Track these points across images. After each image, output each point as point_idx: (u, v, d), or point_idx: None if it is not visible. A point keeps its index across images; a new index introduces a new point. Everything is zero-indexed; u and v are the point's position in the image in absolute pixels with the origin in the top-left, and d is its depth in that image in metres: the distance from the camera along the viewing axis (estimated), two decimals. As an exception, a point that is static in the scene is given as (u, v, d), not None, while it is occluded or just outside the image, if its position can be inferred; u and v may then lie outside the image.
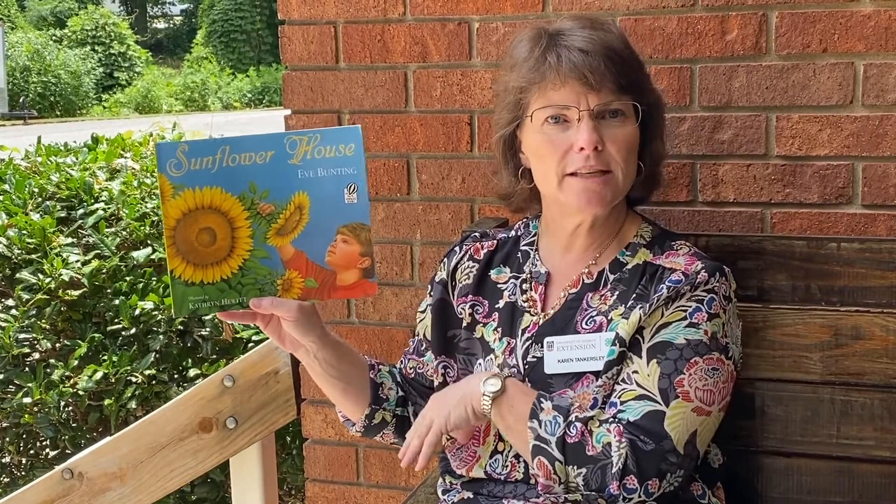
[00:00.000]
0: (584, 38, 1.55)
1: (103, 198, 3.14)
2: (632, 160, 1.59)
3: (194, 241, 1.50)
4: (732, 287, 1.58)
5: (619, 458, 1.44)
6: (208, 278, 1.51)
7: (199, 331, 2.90)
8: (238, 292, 1.52)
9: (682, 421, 1.47)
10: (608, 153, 1.55)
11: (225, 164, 1.49)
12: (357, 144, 1.51)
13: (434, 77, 2.13)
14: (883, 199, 1.87)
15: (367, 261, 1.53)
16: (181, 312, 1.53)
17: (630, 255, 1.62)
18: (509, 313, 1.66)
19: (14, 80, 27.79)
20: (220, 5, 35.98)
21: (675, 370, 1.49)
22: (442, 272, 1.76)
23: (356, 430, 1.74)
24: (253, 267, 1.51)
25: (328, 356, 1.62)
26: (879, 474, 1.73)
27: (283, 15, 2.22)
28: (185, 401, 2.35)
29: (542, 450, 1.47)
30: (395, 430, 1.74)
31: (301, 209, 1.51)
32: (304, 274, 1.52)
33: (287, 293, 1.52)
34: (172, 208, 1.49)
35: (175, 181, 1.48)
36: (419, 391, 1.77)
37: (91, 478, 2.42)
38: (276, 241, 1.51)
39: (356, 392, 1.70)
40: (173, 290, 1.50)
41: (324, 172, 1.50)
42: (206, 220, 1.49)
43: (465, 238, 1.78)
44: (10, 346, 2.86)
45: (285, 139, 1.50)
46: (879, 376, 1.71)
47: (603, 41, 1.56)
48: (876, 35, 1.84)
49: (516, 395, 1.51)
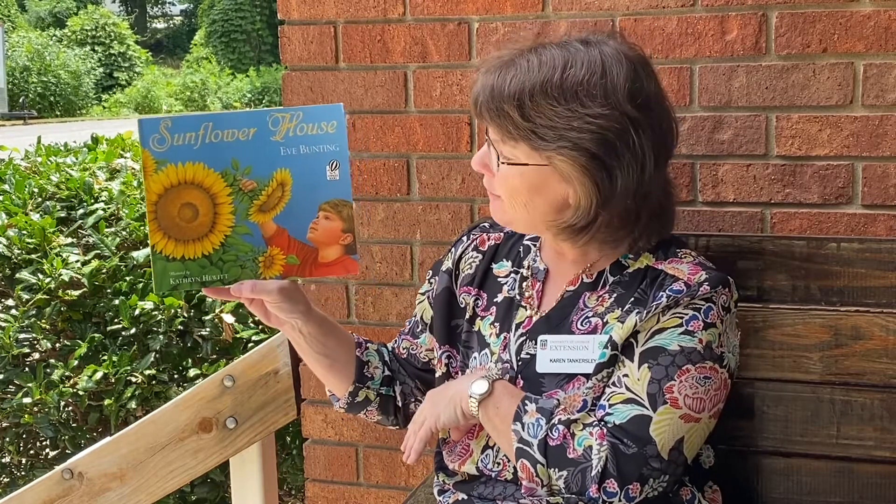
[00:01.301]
0: (484, 75, 1.53)
1: (103, 198, 3.14)
2: (524, 200, 1.52)
3: (176, 216, 1.50)
4: (734, 298, 1.56)
5: (598, 461, 1.43)
6: (189, 254, 1.51)
7: (199, 331, 2.90)
8: (219, 269, 1.52)
9: (669, 427, 1.46)
10: (497, 180, 1.55)
11: (208, 141, 1.50)
12: (339, 122, 1.52)
13: (434, 77, 2.13)
14: (883, 199, 1.87)
15: (349, 237, 1.54)
16: (161, 288, 1.53)
17: (633, 259, 1.60)
18: (506, 308, 1.66)
19: (14, 81, 27.82)
20: (221, 5, 36.00)
21: (665, 376, 1.47)
22: (448, 261, 1.77)
23: (340, 405, 1.76)
24: (234, 243, 1.52)
25: (314, 331, 1.64)
26: (879, 474, 1.73)
27: (282, 15, 2.23)
28: (185, 401, 2.35)
29: (524, 452, 1.47)
30: (379, 408, 1.76)
31: (283, 186, 1.52)
32: (286, 251, 1.53)
33: (268, 270, 1.53)
34: (155, 183, 1.49)
35: (158, 156, 1.49)
36: (409, 371, 1.78)
37: (91, 478, 2.42)
38: (258, 218, 1.52)
39: (341, 369, 1.71)
40: (154, 265, 1.51)
41: (306, 149, 1.52)
42: (188, 195, 1.50)
43: (473, 227, 1.79)
44: (10, 346, 2.86)
45: (268, 116, 1.52)
46: (879, 376, 1.71)
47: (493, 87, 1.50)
48: (876, 35, 1.84)
49: (503, 396, 1.52)
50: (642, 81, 1.50)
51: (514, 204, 1.54)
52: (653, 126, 1.50)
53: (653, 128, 1.50)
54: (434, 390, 1.65)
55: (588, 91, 1.46)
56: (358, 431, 2.30)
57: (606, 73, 1.47)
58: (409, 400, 1.78)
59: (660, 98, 1.54)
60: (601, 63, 1.47)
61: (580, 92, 1.45)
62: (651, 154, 1.49)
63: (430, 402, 1.62)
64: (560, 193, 1.51)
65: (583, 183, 1.48)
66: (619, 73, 1.47)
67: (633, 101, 1.47)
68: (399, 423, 1.80)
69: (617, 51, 1.50)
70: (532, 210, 1.53)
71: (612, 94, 1.46)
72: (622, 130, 1.46)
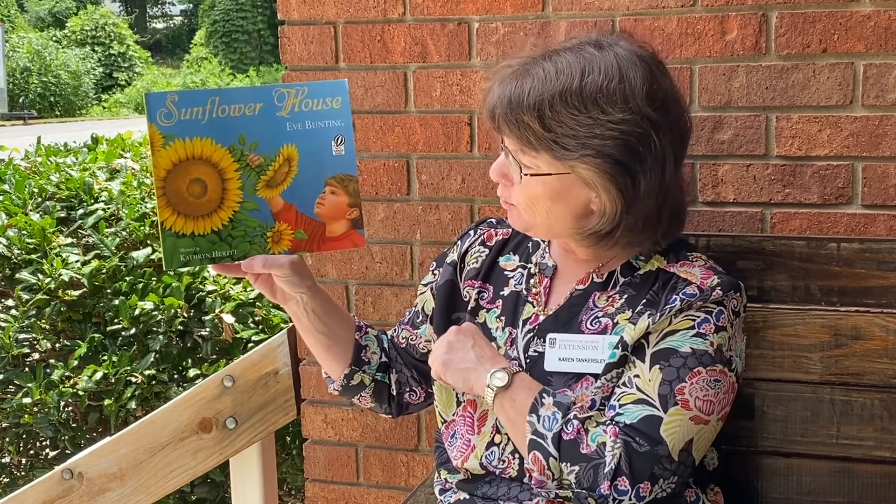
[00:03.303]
0: (499, 88, 1.52)
1: (103, 198, 3.14)
2: (544, 208, 1.52)
3: (185, 192, 1.50)
4: (743, 303, 1.58)
5: (612, 458, 1.43)
6: (199, 230, 1.51)
7: (199, 331, 2.90)
8: (229, 245, 1.52)
9: (679, 428, 1.46)
10: (515, 190, 1.54)
11: (215, 115, 1.49)
12: (343, 97, 1.52)
13: (434, 77, 2.13)
14: (883, 199, 1.87)
15: (355, 211, 1.55)
16: (172, 265, 1.52)
17: (643, 261, 1.60)
18: (513, 302, 1.66)
19: (14, 81, 27.81)
20: (222, 5, 36.00)
21: (676, 377, 1.48)
22: (453, 254, 1.77)
23: (334, 387, 1.76)
24: (243, 219, 1.52)
25: (318, 308, 1.65)
26: (879, 475, 1.73)
27: (282, 15, 2.23)
28: (185, 401, 2.35)
29: (538, 444, 1.47)
30: (373, 394, 1.76)
31: (290, 161, 1.52)
32: (294, 226, 1.54)
33: (277, 245, 1.53)
34: (163, 158, 1.48)
35: (165, 131, 1.48)
36: (406, 361, 1.79)
37: (91, 478, 2.42)
38: (266, 193, 1.52)
39: (340, 350, 1.72)
40: (163, 242, 1.50)
41: (311, 125, 1.52)
42: (196, 170, 1.50)
43: (481, 222, 1.79)
44: (10, 347, 2.86)
45: (273, 91, 1.52)
46: (879, 376, 1.71)
47: (510, 98, 1.49)
48: (876, 35, 1.84)
49: (520, 389, 1.51)
50: (658, 82, 1.50)
51: (535, 211, 1.54)
52: (671, 126, 1.50)
53: (671, 128, 1.50)
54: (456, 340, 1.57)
55: (608, 97, 1.45)
56: (358, 432, 2.30)
57: (624, 78, 1.46)
58: (404, 389, 1.79)
59: (675, 96, 1.55)
60: (617, 67, 1.47)
61: (600, 99, 1.45)
62: (671, 154, 1.50)
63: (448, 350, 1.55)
64: (583, 200, 1.51)
65: (607, 189, 1.48)
66: (635, 76, 1.47)
67: (651, 104, 1.47)
68: (392, 412, 1.80)
69: (630, 52, 1.50)
70: (554, 217, 1.53)
71: (632, 98, 1.46)
72: (643, 134, 1.46)
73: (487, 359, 1.55)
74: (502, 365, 1.54)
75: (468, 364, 1.55)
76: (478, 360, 1.54)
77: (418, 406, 1.82)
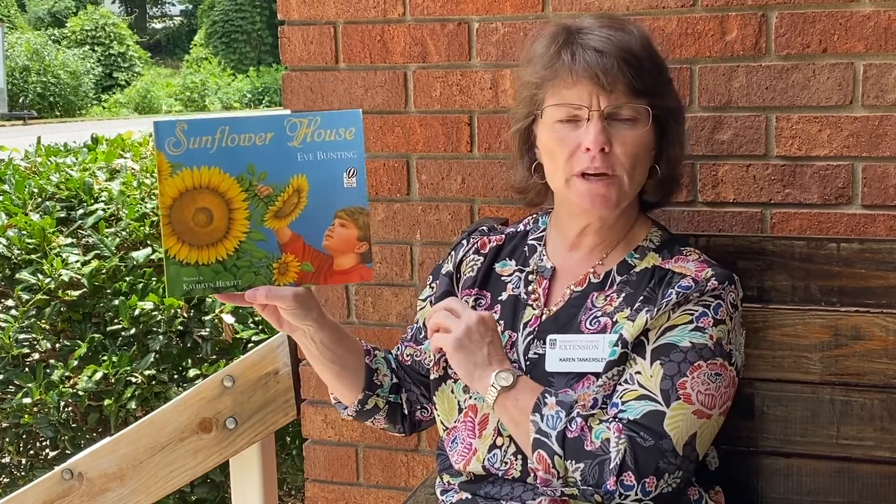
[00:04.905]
0: (601, 38, 1.54)
1: (103, 198, 3.14)
2: (641, 164, 1.58)
3: (190, 221, 1.48)
4: (740, 296, 1.59)
5: (617, 453, 1.44)
6: (203, 259, 1.49)
7: (199, 331, 2.90)
8: (233, 274, 1.50)
9: (683, 422, 1.47)
10: (615, 155, 1.55)
11: (224, 145, 1.48)
12: (357, 128, 1.50)
13: (434, 77, 2.13)
14: (883, 199, 1.87)
15: (364, 245, 1.52)
16: (175, 293, 1.51)
17: (639, 258, 1.62)
18: (512, 306, 1.67)
19: (13, 81, 27.80)
20: (221, 6, 36.00)
21: (678, 372, 1.49)
22: (448, 264, 1.77)
23: (347, 413, 1.74)
24: (249, 249, 1.50)
25: (325, 339, 1.62)
26: (879, 475, 1.73)
27: (282, 15, 2.23)
28: (185, 401, 2.35)
29: (542, 443, 1.47)
30: (387, 416, 1.75)
31: (299, 192, 1.50)
32: (301, 258, 1.51)
33: (283, 277, 1.51)
34: (169, 187, 1.47)
35: (173, 160, 1.47)
36: (414, 378, 1.78)
37: (91, 478, 2.42)
38: (274, 224, 1.50)
39: (351, 376, 1.70)
40: (167, 269, 1.49)
41: (323, 156, 1.50)
42: (203, 200, 1.48)
43: (472, 231, 1.79)
44: (9, 347, 2.86)
45: (285, 121, 1.49)
46: (879, 376, 1.71)
47: (620, 42, 1.55)
48: (876, 35, 1.84)
49: (523, 389, 1.52)
50: None
51: (635, 173, 1.58)
52: None
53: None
54: (476, 330, 1.53)
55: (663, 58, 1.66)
56: (358, 432, 2.30)
57: None
58: (415, 408, 1.78)
59: None
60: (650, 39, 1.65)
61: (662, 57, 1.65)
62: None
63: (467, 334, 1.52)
64: (651, 151, 1.60)
65: (667, 139, 1.62)
66: None
67: None
68: (405, 431, 1.79)
69: None
70: (640, 173, 1.60)
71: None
72: (677, 93, 1.70)
73: (496, 359, 1.55)
74: (507, 366, 1.54)
75: (478, 359, 1.53)
76: (487, 359, 1.54)
77: (430, 422, 1.81)
